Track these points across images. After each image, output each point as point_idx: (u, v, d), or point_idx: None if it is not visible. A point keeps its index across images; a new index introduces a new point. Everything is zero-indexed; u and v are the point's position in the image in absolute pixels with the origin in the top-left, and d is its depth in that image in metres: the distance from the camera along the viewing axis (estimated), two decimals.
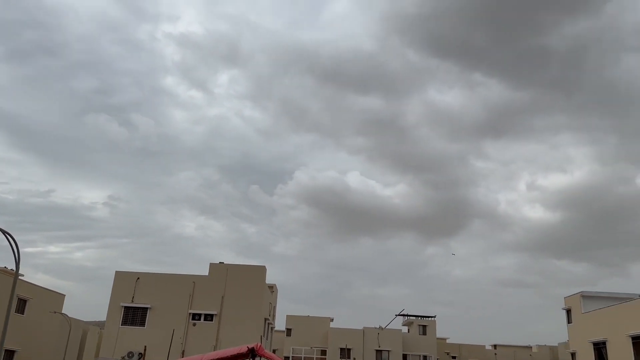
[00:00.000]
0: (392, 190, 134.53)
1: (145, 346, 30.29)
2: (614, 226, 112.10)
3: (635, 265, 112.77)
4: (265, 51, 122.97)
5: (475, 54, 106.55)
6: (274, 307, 45.42)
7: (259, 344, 13.88)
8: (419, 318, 60.40)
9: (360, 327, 57.60)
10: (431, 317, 60.50)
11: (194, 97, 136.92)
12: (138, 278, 35.61)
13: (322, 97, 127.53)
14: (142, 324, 34.74)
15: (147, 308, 34.90)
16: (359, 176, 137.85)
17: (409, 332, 60.38)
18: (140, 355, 31.57)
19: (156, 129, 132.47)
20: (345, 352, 55.00)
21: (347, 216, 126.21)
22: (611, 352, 34.23)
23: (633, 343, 31.78)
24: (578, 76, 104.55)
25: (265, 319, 37.97)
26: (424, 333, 59.27)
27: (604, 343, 35.09)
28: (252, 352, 13.37)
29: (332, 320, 59.55)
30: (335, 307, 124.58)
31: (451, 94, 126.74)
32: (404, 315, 61.89)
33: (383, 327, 58.87)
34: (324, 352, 56.05)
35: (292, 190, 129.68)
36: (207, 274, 36.14)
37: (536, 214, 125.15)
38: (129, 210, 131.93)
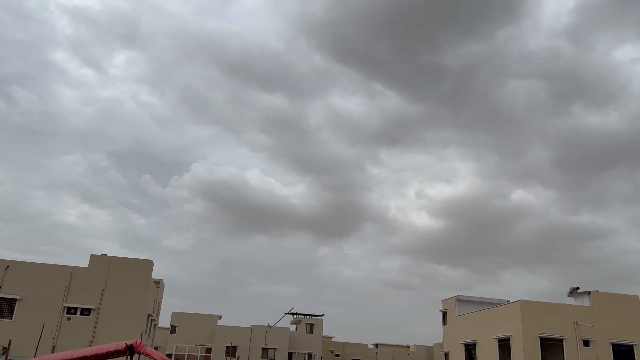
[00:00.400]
0: (291, 190, 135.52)
1: (10, 340, 27.72)
2: (489, 236, 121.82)
3: (506, 273, 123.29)
4: (168, 35, 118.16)
5: (377, 65, 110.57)
6: (159, 304, 43.71)
7: (139, 340, 13.19)
8: (308, 317, 61.34)
9: (249, 325, 57.27)
10: (319, 316, 61.70)
11: (86, 75, 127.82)
12: (7, 267, 32.57)
13: (226, 90, 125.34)
14: (10, 316, 31.88)
15: (15, 299, 32.03)
16: (259, 173, 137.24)
17: (296, 330, 61.07)
18: (4, 350, 28.82)
19: (40, 105, 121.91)
20: (230, 350, 54.35)
21: (243, 213, 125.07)
22: (480, 352, 37.02)
23: (499, 345, 34.65)
24: (468, 95, 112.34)
25: (149, 316, 36.41)
26: (311, 332, 60.27)
27: (474, 344, 37.85)
28: (130, 349, 12.70)
29: (220, 317, 58.58)
30: (225, 305, 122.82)
31: (353, 100, 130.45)
32: (293, 313, 62.52)
33: (271, 325, 59.00)
34: (208, 350, 54.94)
35: (187, 182, 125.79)
36: (86, 265, 33.96)
37: (422, 220, 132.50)
38: (1, 192, 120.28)
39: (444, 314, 43.55)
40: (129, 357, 13.14)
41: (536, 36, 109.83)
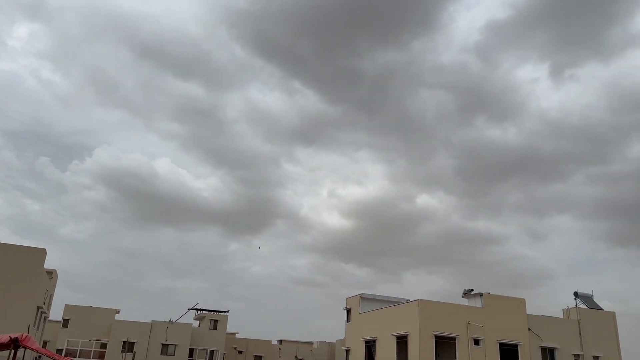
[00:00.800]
0: (202, 182, 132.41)
1: None
2: (394, 237, 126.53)
3: (407, 273, 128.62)
4: (76, 10, 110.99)
5: (298, 63, 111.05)
6: (52, 295, 40.93)
7: (25, 334, 12.25)
8: (212, 313, 60.25)
9: (149, 321, 55.20)
10: (224, 312, 60.81)
11: None
12: None
13: (138, 73, 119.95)
14: None
15: None
16: (169, 163, 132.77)
17: (199, 326, 59.74)
18: None
19: None
20: (127, 346, 52.08)
21: (149, 203, 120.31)
22: (379, 349, 38.29)
23: (397, 342, 36.04)
24: (382, 100, 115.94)
25: (39, 308, 33.98)
26: (215, 328, 59.25)
27: (373, 341, 39.09)
28: (15, 342, 11.76)
29: (118, 312, 55.89)
30: (125, 299, 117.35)
31: (272, 96, 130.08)
32: (197, 309, 61.06)
33: (173, 321, 57.28)
34: (104, 345, 52.28)
35: (89, 168, 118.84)
36: None
37: (333, 220, 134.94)
38: None
39: (348, 312, 44.58)
40: (13, 350, 12.19)
41: (448, 50, 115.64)
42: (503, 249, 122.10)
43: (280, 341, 74.59)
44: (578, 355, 38.14)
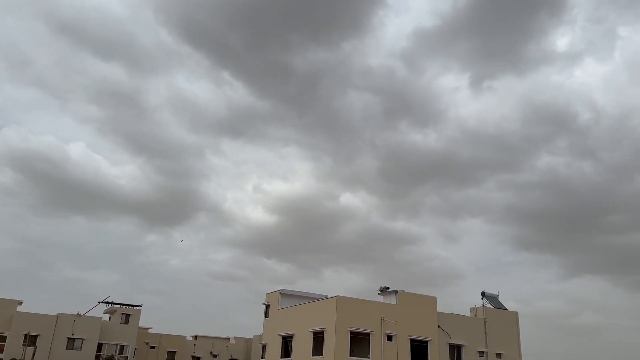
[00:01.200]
0: (120, 169, 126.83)
1: None
2: (317, 234, 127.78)
3: (328, 270, 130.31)
4: None
5: (228, 54, 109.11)
6: None
7: None
8: (124, 306, 57.91)
9: (55, 313, 52.12)
10: (137, 306, 58.63)
11: None
12: None
13: (54, 50, 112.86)
14: None
15: None
16: (83, 148, 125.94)
17: (110, 320, 57.19)
18: None
19: None
20: (29, 339, 48.88)
21: (60, 189, 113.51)
22: (295, 344, 38.49)
23: (314, 337, 36.39)
24: (311, 99, 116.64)
25: None
26: (126, 322, 56.99)
27: (291, 337, 39.24)
28: None
29: (20, 303, 52.29)
30: (29, 290, 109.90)
31: (198, 85, 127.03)
32: (108, 302, 58.39)
33: (82, 314, 54.44)
34: (3, 338, 48.75)
35: None
36: None
37: (257, 214, 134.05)
38: None
39: (267, 307, 44.45)
40: None
41: (377, 54, 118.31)
42: (419, 248, 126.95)
43: (195, 336, 73.06)
44: (483, 352, 40.32)
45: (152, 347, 65.01)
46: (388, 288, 39.19)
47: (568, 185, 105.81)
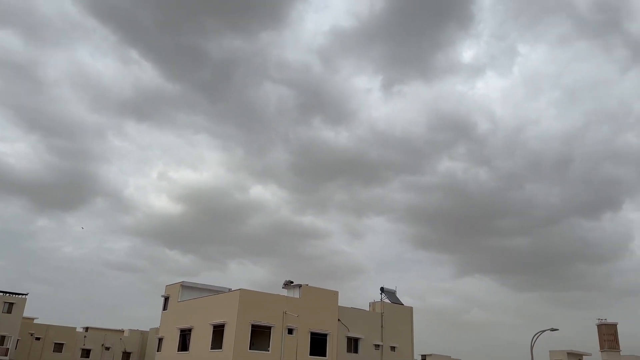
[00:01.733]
0: (9, 146, 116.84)
1: None
2: (224, 226, 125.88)
3: (233, 263, 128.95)
4: None
5: (137, 32, 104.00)
6: None
7: None
8: (7, 295, 53.51)
9: None
10: (22, 294, 54.46)
11: None
12: None
13: None
14: None
15: None
16: None
17: None
18: None
19: None
20: None
21: None
22: (194, 338, 37.66)
23: (214, 331, 35.82)
24: (225, 87, 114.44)
25: None
26: (9, 311, 52.82)
27: (189, 330, 38.33)
28: None
29: None
30: None
31: (103, 62, 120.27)
32: None
33: None
34: None
35: None
36: None
37: (160, 203, 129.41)
38: None
39: (166, 299, 43.06)
40: None
41: (294, 48, 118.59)
42: (325, 243, 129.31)
43: (87, 328, 69.24)
44: (378, 345, 41.88)
45: (38, 339, 60.73)
46: (292, 282, 39.47)
47: (465, 190, 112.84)
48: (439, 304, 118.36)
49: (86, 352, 64.95)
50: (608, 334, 60.26)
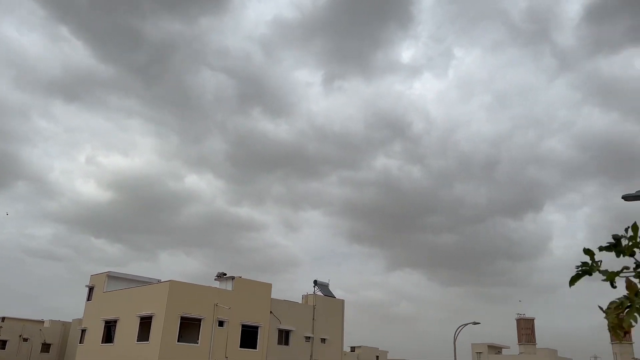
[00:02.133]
0: None
1: None
2: (155, 215, 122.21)
3: (164, 253, 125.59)
4: None
5: (68, 8, 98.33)
6: None
7: None
8: None
9: None
10: None
11: None
12: None
13: None
14: None
15: None
16: None
17: None
18: None
19: None
20: None
21: None
22: (120, 329, 36.39)
23: (141, 322, 34.75)
24: (161, 71, 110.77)
25: None
26: None
27: (115, 321, 36.98)
28: None
29: None
30: None
31: (30, 37, 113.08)
32: None
33: None
34: None
35: None
36: None
37: (88, 189, 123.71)
38: None
39: (91, 289, 41.32)
40: None
41: (235, 35, 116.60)
42: (260, 236, 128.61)
43: (3, 318, 65.28)
44: (309, 337, 42.18)
45: None
46: (225, 274, 38.94)
47: (398, 186, 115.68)
48: (370, 297, 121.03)
49: (2, 344, 61.24)
50: (526, 328, 63.85)
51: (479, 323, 40.32)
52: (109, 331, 37.44)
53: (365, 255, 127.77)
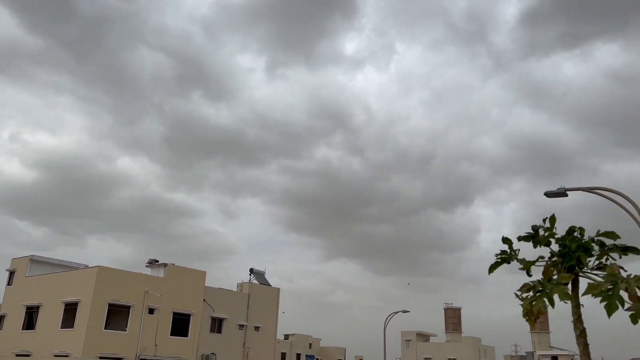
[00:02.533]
0: None
1: None
2: (84, 198, 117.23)
3: (93, 238, 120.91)
4: None
5: None
6: None
7: None
8: None
9: None
10: None
11: None
12: None
13: None
14: None
15: None
16: None
17: None
18: None
19: None
20: None
21: None
22: (42, 315, 34.76)
23: (65, 308, 33.32)
24: (95, 46, 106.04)
25: None
26: None
27: (37, 307, 35.27)
28: None
29: None
30: None
31: None
32: None
33: None
34: None
35: None
36: None
37: (11, 168, 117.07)
38: None
39: (12, 274, 39.13)
40: None
41: (175, 14, 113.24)
42: (197, 222, 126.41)
43: None
44: (243, 325, 41.95)
45: None
46: (157, 261, 37.95)
47: (338, 177, 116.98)
48: (306, 286, 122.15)
49: None
50: (453, 317, 66.61)
51: (408, 311, 41.61)
52: (31, 317, 35.68)
53: (303, 245, 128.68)
